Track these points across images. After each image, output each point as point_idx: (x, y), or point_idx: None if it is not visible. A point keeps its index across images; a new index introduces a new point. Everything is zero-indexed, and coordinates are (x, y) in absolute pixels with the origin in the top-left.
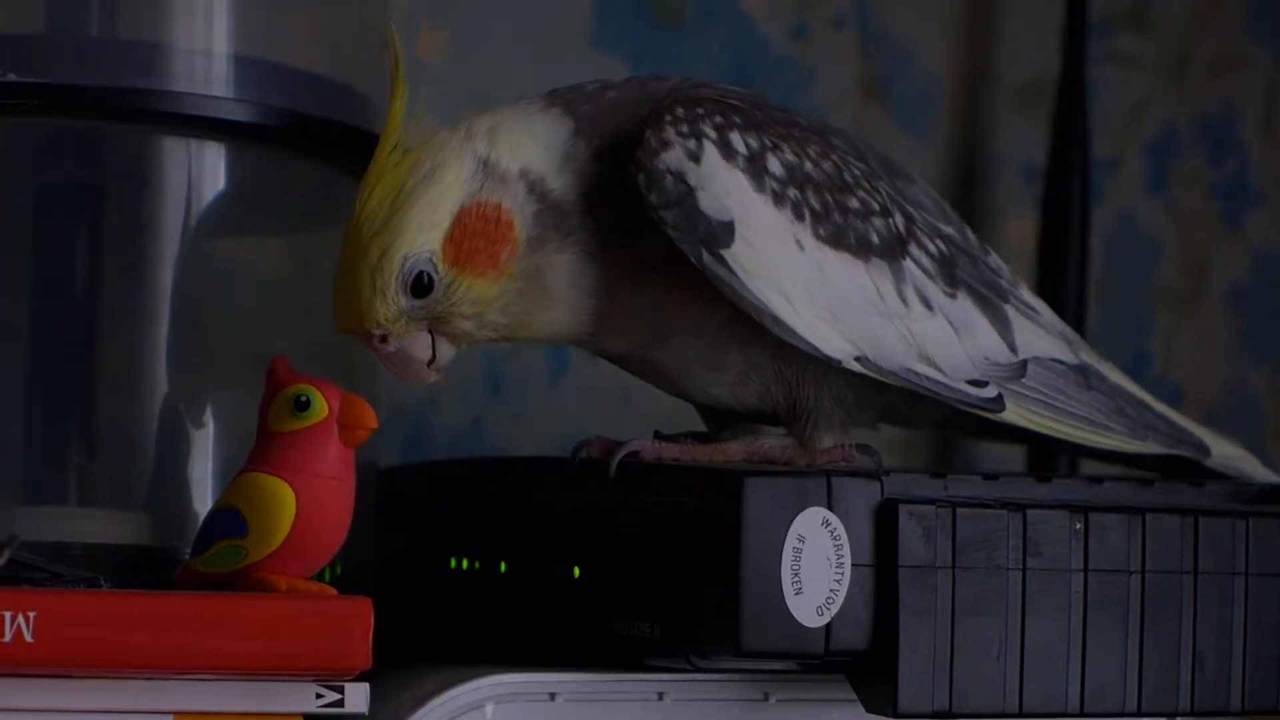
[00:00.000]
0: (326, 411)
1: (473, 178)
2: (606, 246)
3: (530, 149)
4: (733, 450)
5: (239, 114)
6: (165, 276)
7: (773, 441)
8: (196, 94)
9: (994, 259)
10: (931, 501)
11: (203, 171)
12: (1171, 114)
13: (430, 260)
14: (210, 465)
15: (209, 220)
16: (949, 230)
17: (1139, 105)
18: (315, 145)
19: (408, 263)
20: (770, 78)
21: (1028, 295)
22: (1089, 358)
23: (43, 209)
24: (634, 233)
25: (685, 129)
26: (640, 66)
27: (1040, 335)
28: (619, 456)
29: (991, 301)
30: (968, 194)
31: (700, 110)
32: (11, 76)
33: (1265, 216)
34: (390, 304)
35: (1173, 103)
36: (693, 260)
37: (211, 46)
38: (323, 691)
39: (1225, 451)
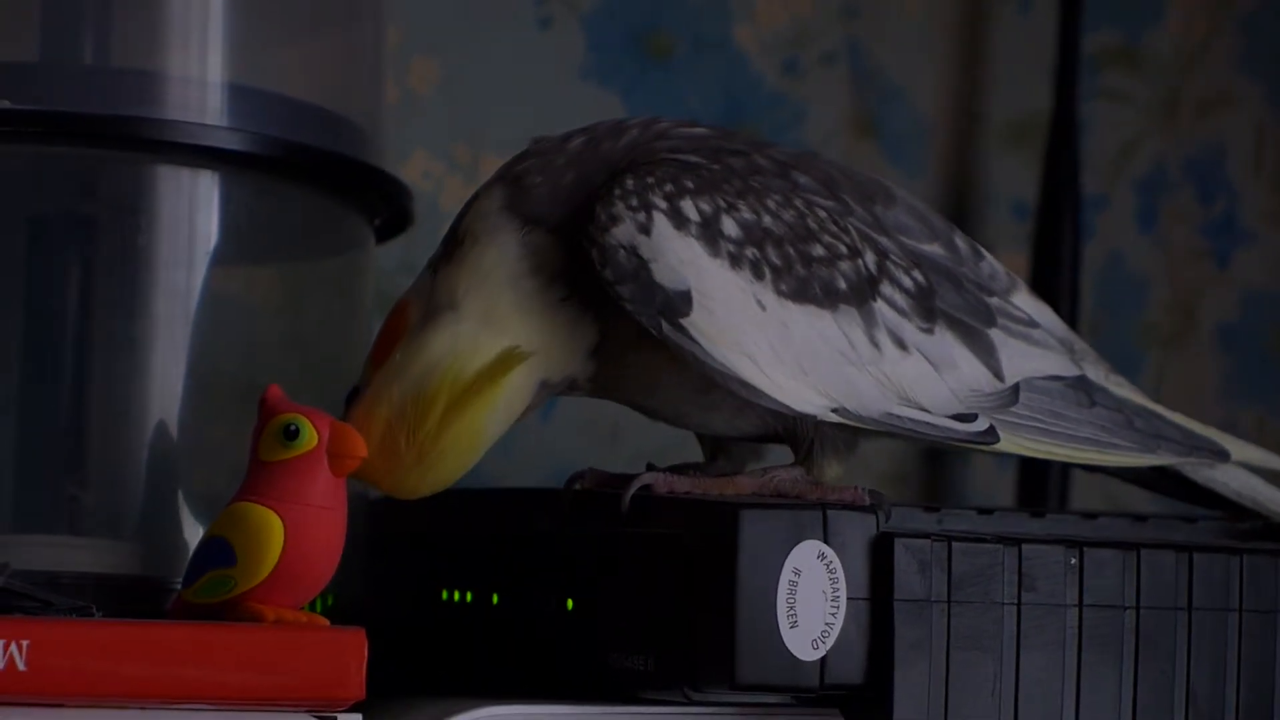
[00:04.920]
0: (316, 441)
1: (533, 399)
2: (583, 330)
3: (572, 356)
4: (744, 484)
5: (232, 143)
6: (158, 305)
7: (783, 474)
8: (190, 122)
9: (988, 264)
10: (927, 536)
11: (196, 200)
12: (1161, 152)
13: None
14: (202, 495)
15: (202, 249)
16: (933, 250)
17: (1129, 143)
18: (309, 175)
19: None
20: (762, 114)
21: (1024, 301)
22: (1094, 368)
23: (35, 237)
24: (604, 303)
25: (635, 201)
26: (631, 101)
27: (1033, 354)
28: (632, 490)
29: (974, 330)
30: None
31: (650, 180)
32: (5, 103)
33: (1254, 255)
34: None
35: (1163, 141)
36: (653, 332)
37: (205, 75)
38: None
39: (1247, 455)
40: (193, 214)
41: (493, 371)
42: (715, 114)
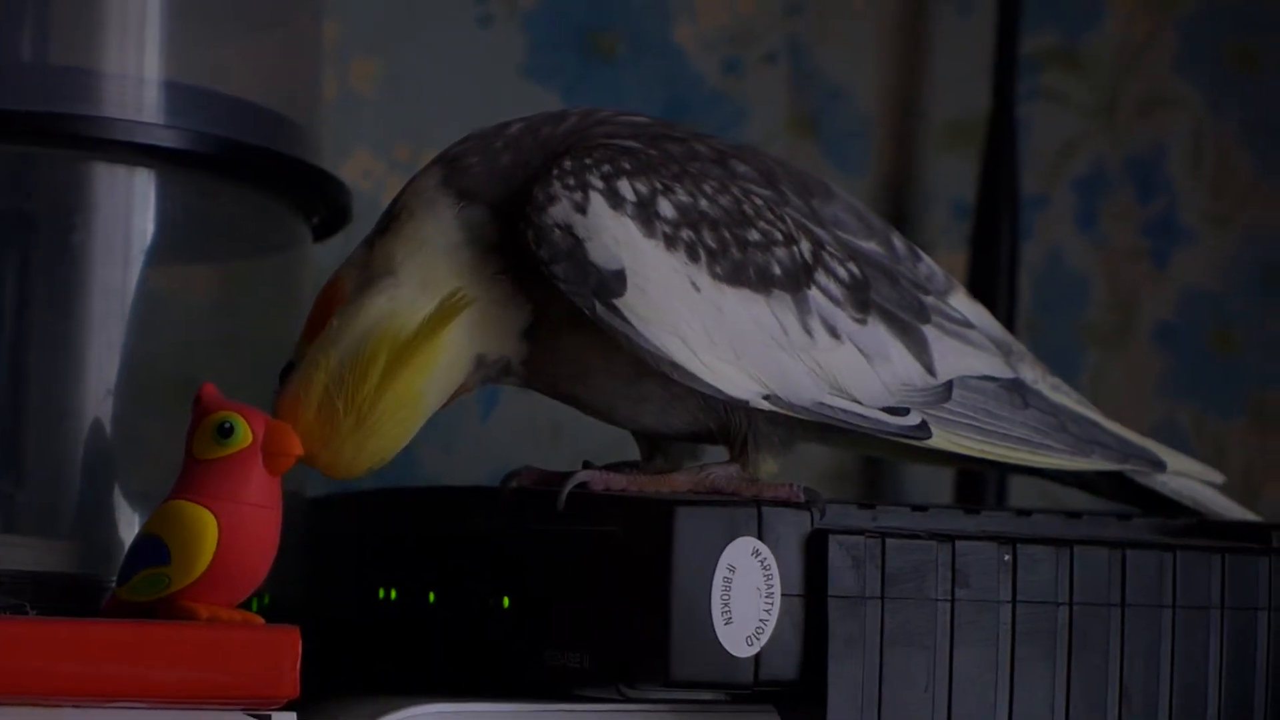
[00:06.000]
0: (251, 439)
1: (470, 375)
2: (517, 308)
3: (507, 337)
4: (679, 481)
5: (170, 140)
6: (94, 303)
7: (719, 471)
8: (128, 120)
9: (925, 265)
10: (861, 532)
11: (133, 198)
12: (1101, 152)
13: None
14: (138, 494)
15: (139, 247)
16: (870, 247)
17: (1069, 143)
18: (247, 173)
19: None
20: (703, 113)
21: (960, 303)
22: (1030, 372)
23: None
24: (538, 285)
25: (571, 181)
26: (572, 100)
27: (967, 352)
28: (568, 488)
29: (907, 324)
30: (898, 229)
31: (588, 160)
32: None
33: (1193, 255)
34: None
35: (1102, 141)
36: (586, 312)
37: (143, 73)
38: None
39: (1183, 466)
40: (130, 212)
41: (435, 323)
42: (657, 113)
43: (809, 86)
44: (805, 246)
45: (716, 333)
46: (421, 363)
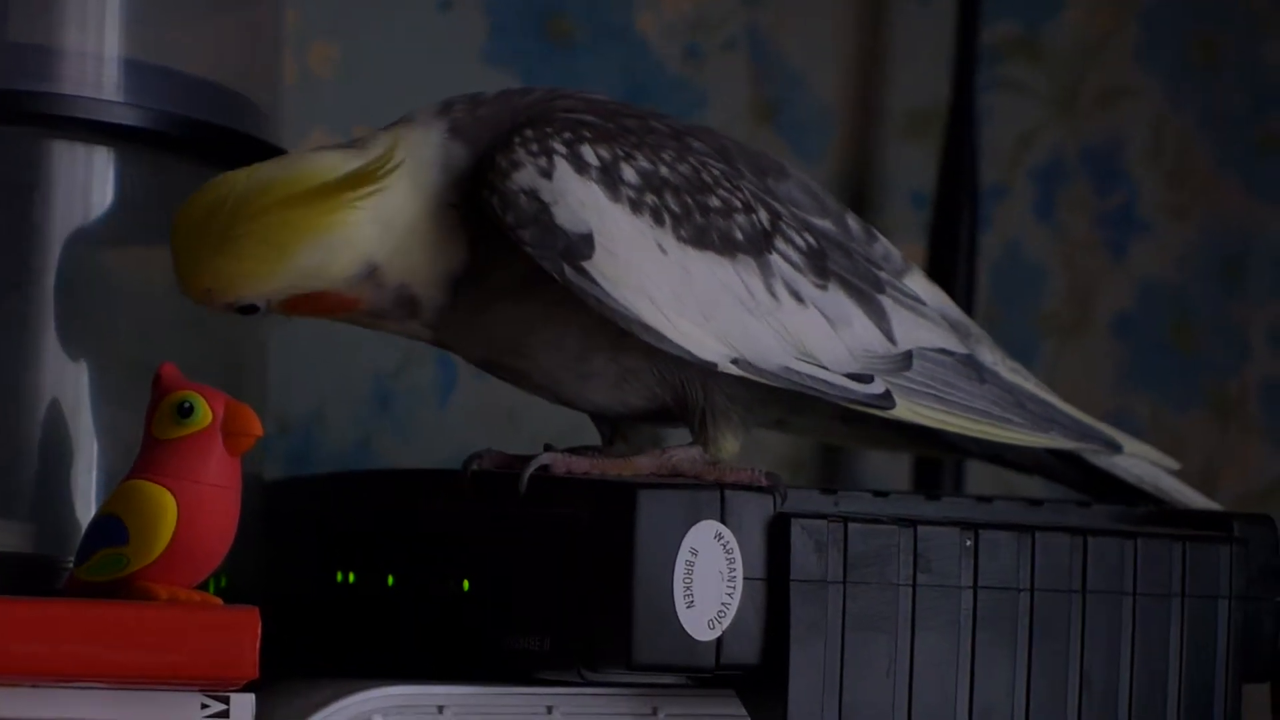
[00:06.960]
0: (210, 418)
1: (354, 279)
2: (452, 246)
3: (422, 268)
4: (642, 464)
5: (129, 118)
6: (51, 281)
7: (681, 454)
8: (86, 98)
9: (881, 245)
10: (823, 516)
11: (91, 176)
12: (1060, 143)
13: (263, 303)
14: (96, 474)
15: (97, 226)
16: (823, 224)
17: (1028, 133)
18: (205, 151)
19: (240, 301)
20: (663, 99)
21: (916, 283)
22: (988, 354)
23: None
24: (481, 258)
25: (535, 147)
26: (532, 85)
27: (923, 325)
28: (530, 470)
29: (865, 293)
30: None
31: (549, 129)
32: None
33: (1151, 246)
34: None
35: (1061, 132)
36: (555, 276)
37: (102, 50)
38: (208, 702)
39: (1139, 450)
40: (88, 190)
41: (348, 182)
42: (617, 98)
43: (769, 74)
44: (763, 215)
45: (685, 295)
46: (313, 216)
